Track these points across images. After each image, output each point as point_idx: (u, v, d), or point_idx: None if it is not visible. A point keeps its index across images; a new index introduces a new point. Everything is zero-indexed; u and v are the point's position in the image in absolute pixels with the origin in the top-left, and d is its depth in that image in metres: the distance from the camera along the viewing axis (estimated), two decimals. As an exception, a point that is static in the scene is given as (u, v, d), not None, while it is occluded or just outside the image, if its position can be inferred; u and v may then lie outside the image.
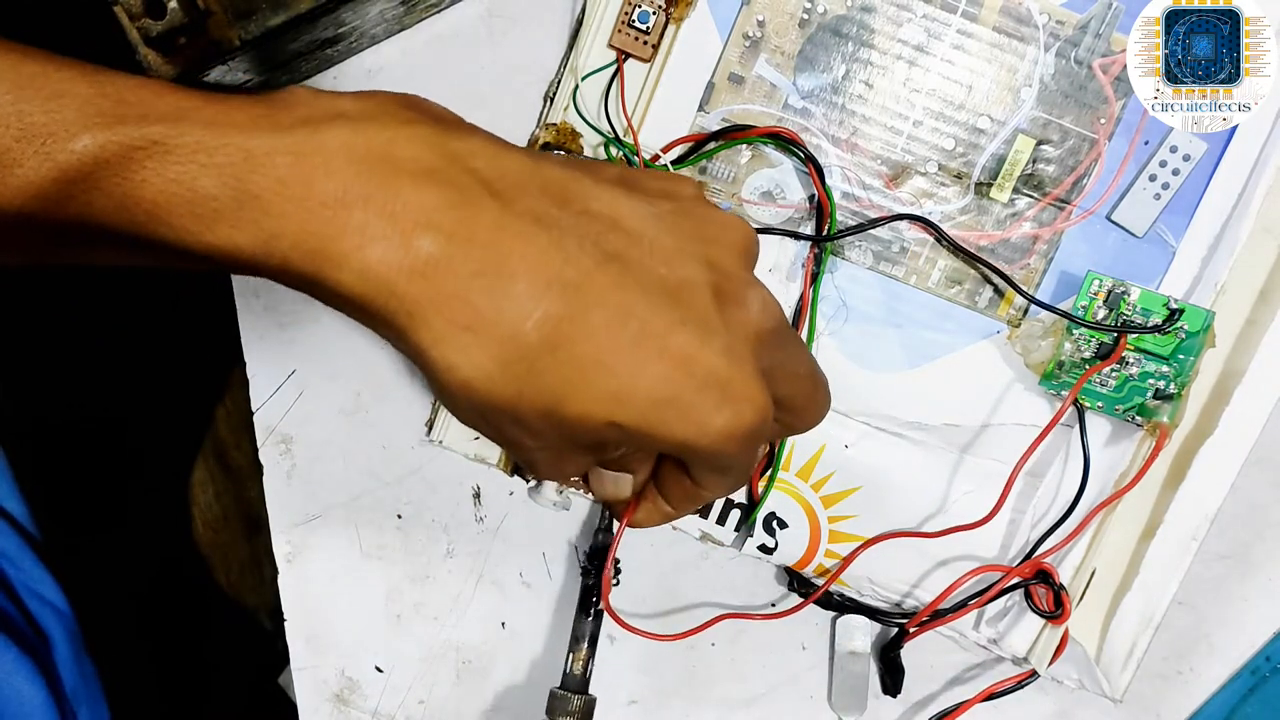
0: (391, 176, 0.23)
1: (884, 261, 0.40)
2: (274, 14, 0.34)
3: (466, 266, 0.23)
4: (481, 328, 0.23)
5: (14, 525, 0.46)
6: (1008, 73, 0.39)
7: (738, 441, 0.25)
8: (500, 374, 0.23)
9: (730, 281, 0.26)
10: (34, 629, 0.44)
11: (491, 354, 0.23)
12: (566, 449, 0.26)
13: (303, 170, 0.23)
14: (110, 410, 0.68)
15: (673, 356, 0.24)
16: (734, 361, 0.25)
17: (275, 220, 0.23)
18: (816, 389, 0.30)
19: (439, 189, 0.23)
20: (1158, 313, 0.37)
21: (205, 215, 0.23)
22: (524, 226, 0.24)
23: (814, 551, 0.41)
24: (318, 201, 0.23)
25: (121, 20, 0.32)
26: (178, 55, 0.34)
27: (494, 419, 0.25)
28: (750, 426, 0.25)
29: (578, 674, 0.40)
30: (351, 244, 0.23)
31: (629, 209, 0.26)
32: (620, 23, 0.39)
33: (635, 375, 0.24)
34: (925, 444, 0.40)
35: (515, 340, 0.23)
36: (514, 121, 0.41)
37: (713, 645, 0.43)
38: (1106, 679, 0.39)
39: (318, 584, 0.43)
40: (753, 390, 0.25)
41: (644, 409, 0.24)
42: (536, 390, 0.23)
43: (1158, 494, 0.39)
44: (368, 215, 0.23)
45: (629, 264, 0.24)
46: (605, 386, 0.24)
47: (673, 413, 0.24)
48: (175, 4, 0.32)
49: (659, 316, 0.24)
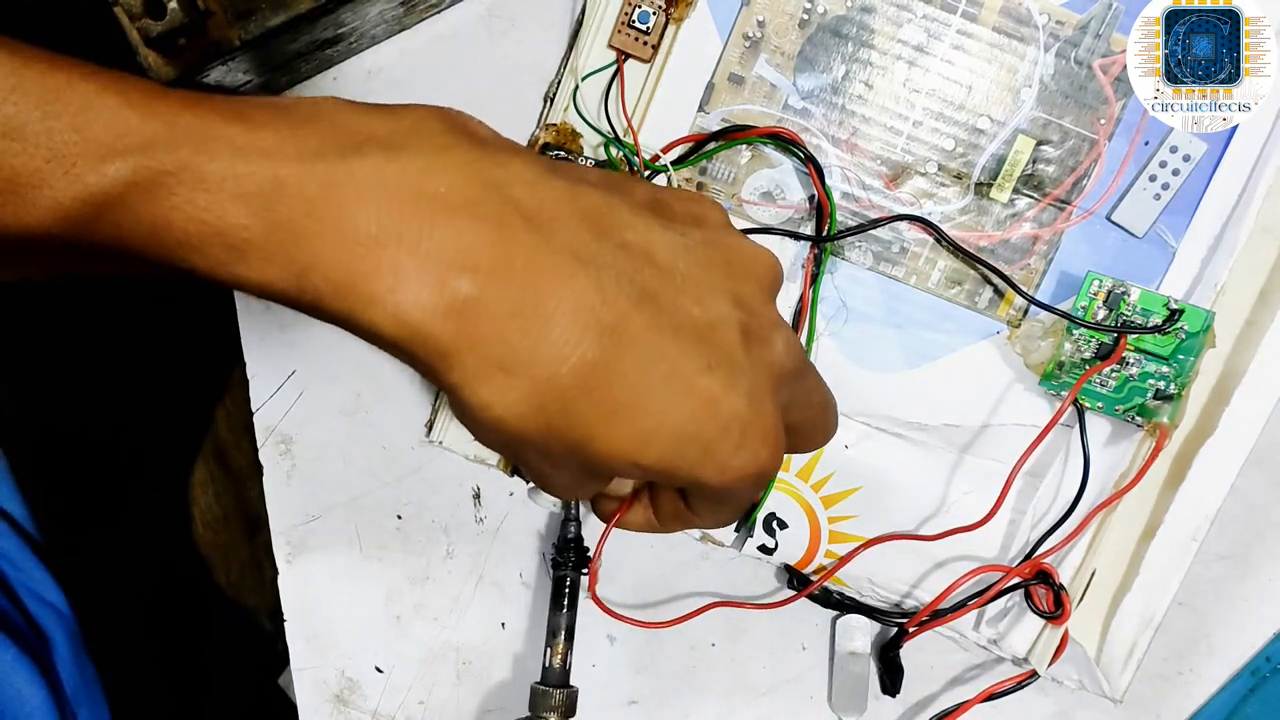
0: (427, 212, 0.22)
1: (884, 262, 0.40)
2: (274, 14, 0.34)
3: (503, 307, 0.22)
4: (517, 369, 0.23)
5: (14, 526, 0.46)
6: (1008, 73, 0.39)
7: (749, 481, 0.26)
8: (532, 413, 0.23)
9: (757, 320, 0.26)
10: (34, 630, 0.44)
11: (525, 394, 0.23)
12: (585, 478, 0.27)
13: (334, 202, 0.22)
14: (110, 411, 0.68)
15: (699, 398, 0.24)
16: (755, 403, 0.25)
17: (306, 254, 0.22)
18: (827, 415, 0.31)
19: (476, 224, 0.23)
20: (1158, 313, 0.37)
21: (236, 245, 0.22)
22: (562, 264, 0.23)
23: (814, 552, 0.41)
24: (349, 236, 0.22)
25: (121, 21, 0.32)
26: (178, 56, 0.34)
27: (519, 449, 0.25)
28: (764, 468, 0.26)
29: (557, 667, 0.40)
30: (385, 284, 0.22)
31: (661, 240, 0.26)
32: (620, 23, 0.39)
33: (662, 416, 0.24)
34: (925, 444, 0.40)
35: (550, 382, 0.23)
36: (514, 122, 0.41)
37: (713, 645, 0.43)
38: (1106, 679, 0.39)
39: (318, 584, 0.43)
40: (771, 432, 0.26)
41: (667, 449, 0.24)
42: (566, 428, 0.24)
43: (1158, 494, 0.39)
44: (401, 253, 0.22)
45: (662, 305, 0.25)
46: (633, 428, 0.24)
47: (693, 452, 0.25)
48: (175, 4, 0.32)
49: (689, 360, 0.24)
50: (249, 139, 0.22)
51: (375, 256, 0.22)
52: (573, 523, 0.41)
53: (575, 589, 0.41)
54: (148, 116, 0.22)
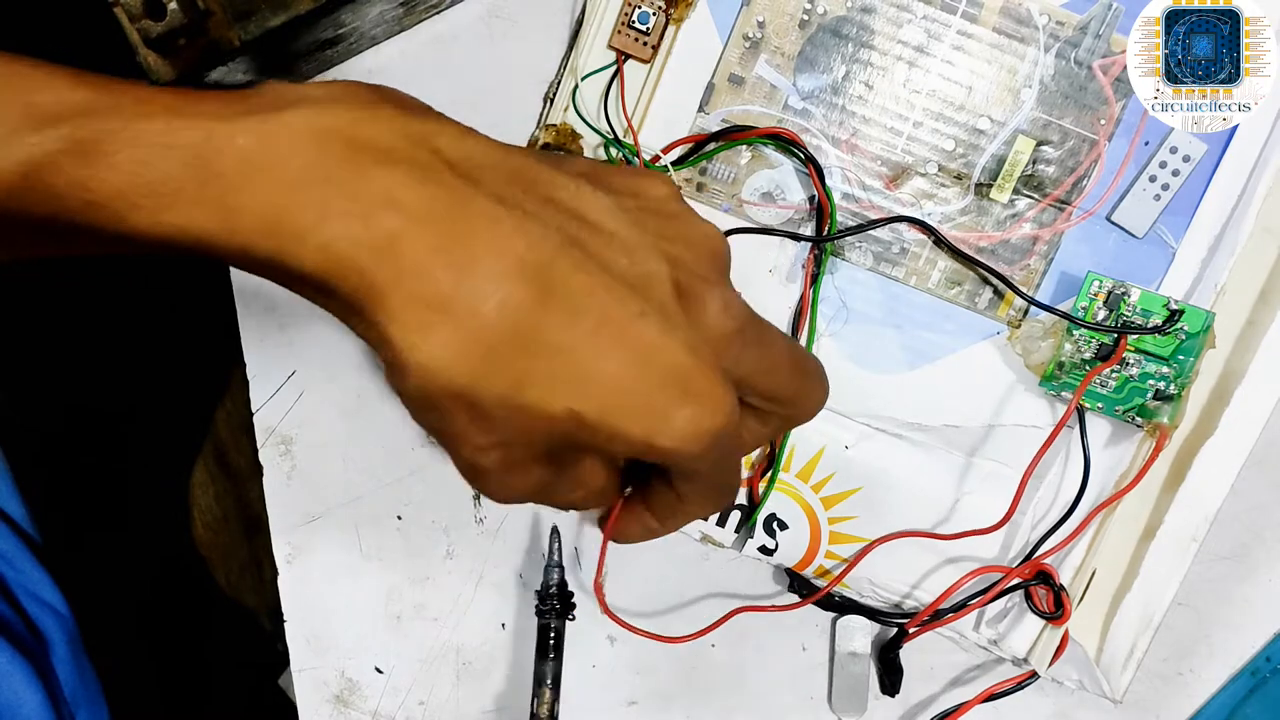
0: (354, 155, 0.23)
1: (884, 262, 0.40)
2: (274, 15, 0.34)
3: (428, 243, 0.23)
4: (442, 305, 0.23)
5: (13, 527, 0.46)
6: (1008, 74, 0.39)
7: (703, 443, 0.24)
8: (459, 356, 0.23)
9: (693, 280, 0.26)
10: (32, 631, 0.44)
11: (451, 334, 0.23)
12: (520, 452, 0.25)
13: (265, 149, 0.23)
14: (110, 411, 0.68)
15: (634, 346, 0.24)
16: (696, 359, 0.24)
17: (236, 196, 0.23)
18: (805, 378, 0.29)
19: (402, 168, 0.23)
20: (1158, 314, 0.37)
21: (167, 195, 0.23)
22: (488, 206, 0.23)
23: (814, 553, 0.41)
24: (279, 179, 0.23)
25: (121, 21, 0.32)
26: (177, 56, 0.34)
27: (447, 408, 0.24)
28: (714, 429, 0.24)
29: (544, 716, 0.39)
30: (311, 220, 0.23)
31: (592, 200, 0.26)
32: (620, 24, 0.39)
33: (594, 363, 0.23)
34: (925, 445, 0.40)
35: (475, 321, 0.23)
36: (514, 122, 0.41)
37: (713, 646, 0.43)
38: (1106, 680, 0.39)
39: (318, 585, 0.43)
40: (715, 389, 0.24)
41: (603, 400, 0.23)
42: (495, 374, 0.23)
43: (1158, 495, 0.39)
44: (329, 192, 0.23)
45: (590, 253, 0.24)
46: (565, 373, 0.23)
47: (632, 406, 0.24)
48: (175, 5, 0.32)
49: (620, 305, 0.24)
50: (186, 105, 0.23)
51: (303, 195, 0.23)
52: (556, 569, 0.40)
53: (560, 636, 0.40)
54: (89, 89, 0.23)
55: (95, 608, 0.49)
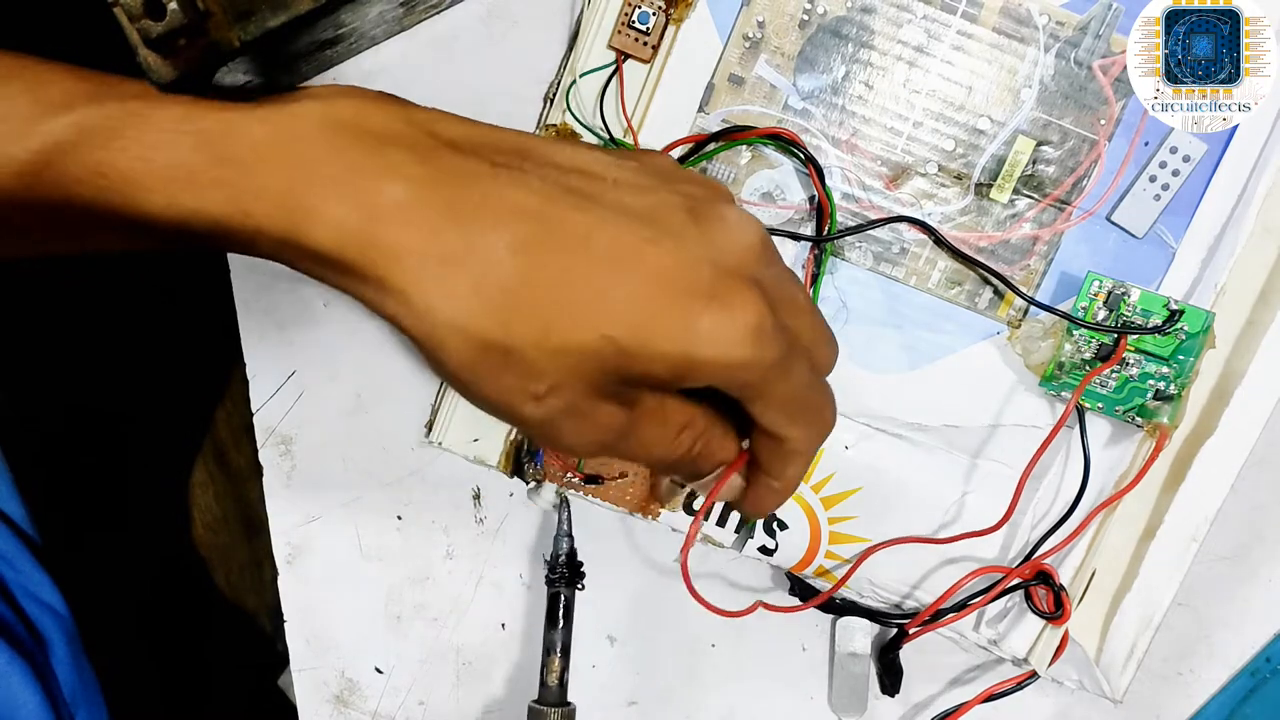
0: (360, 139, 0.24)
1: (884, 262, 0.40)
2: (274, 15, 0.34)
3: (434, 207, 0.24)
4: (454, 260, 0.23)
5: (12, 527, 0.46)
6: (1008, 74, 0.39)
7: (743, 346, 0.24)
8: (481, 307, 0.23)
9: (703, 203, 0.26)
10: (31, 632, 0.44)
11: (469, 287, 0.23)
12: (579, 393, 0.24)
13: (277, 135, 0.24)
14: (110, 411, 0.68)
15: (648, 267, 0.24)
16: (715, 268, 0.24)
17: (250, 179, 0.24)
18: (822, 323, 0.28)
19: (406, 148, 0.25)
20: (1158, 314, 0.37)
21: (180, 178, 0.23)
22: (486, 169, 0.25)
23: (814, 553, 0.41)
24: (292, 162, 0.24)
25: (121, 21, 0.32)
26: (177, 56, 0.33)
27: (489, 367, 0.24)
28: (748, 327, 0.24)
29: (554, 684, 0.39)
30: (323, 197, 0.23)
31: (592, 158, 0.26)
32: (620, 24, 0.39)
33: (614, 289, 0.23)
34: (925, 445, 0.40)
35: (489, 269, 0.23)
36: (514, 122, 0.40)
37: (713, 646, 0.43)
38: (1106, 680, 0.39)
39: (318, 585, 0.43)
40: (740, 291, 0.24)
41: (631, 322, 0.23)
42: (520, 320, 0.23)
43: (1158, 495, 0.39)
44: (338, 172, 0.24)
45: (591, 194, 0.25)
46: (587, 303, 0.23)
47: (660, 323, 0.23)
48: (175, 5, 0.32)
49: (629, 233, 0.24)
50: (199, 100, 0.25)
51: (315, 176, 0.24)
52: (565, 538, 0.41)
53: (570, 605, 0.40)
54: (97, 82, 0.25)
55: (95, 608, 0.49)
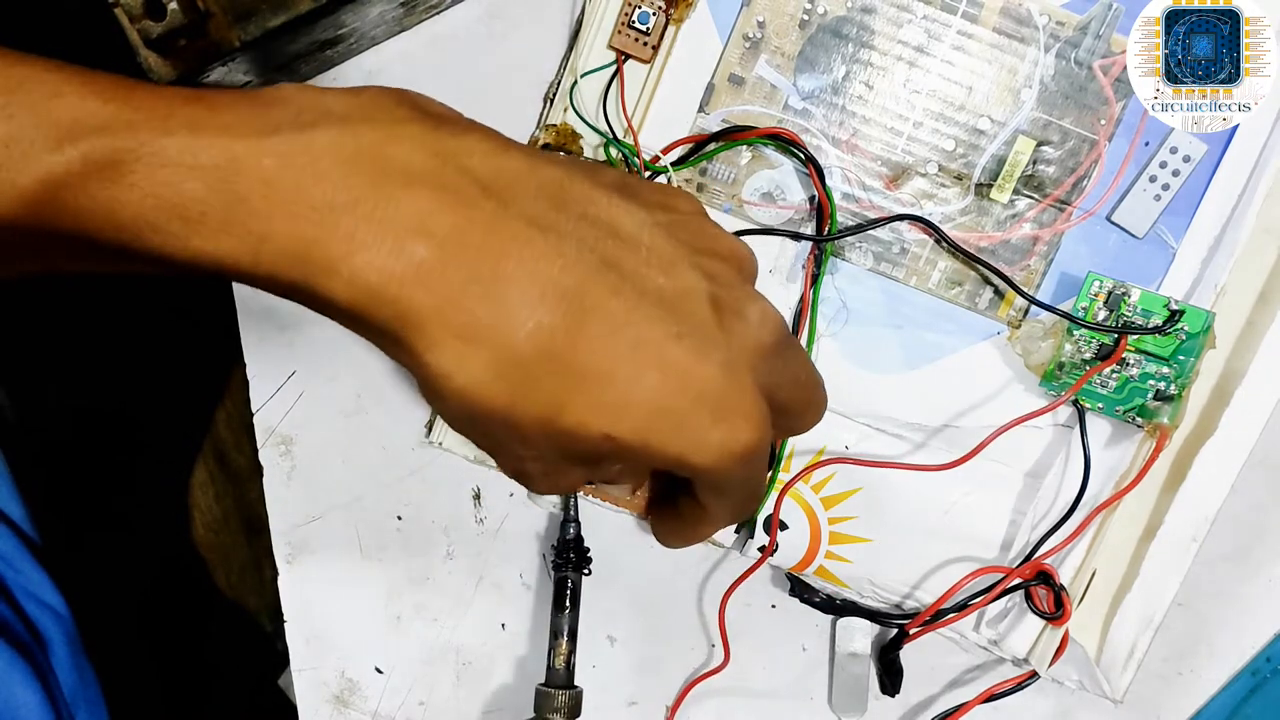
0: (382, 179, 0.23)
1: (884, 262, 0.40)
2: (274, 15, 0.34)
3: (460, 273, 0.22)
4: (476, 336, 0.22)
5: (12, 528, 0.46)
6: (1008, 74, 0.39)
7: (735, 460, 0.24)
8: (495, 382, 0.23)
9: (730, 292, 0.25)
10: (32, 632, 0.44)
11: (486, 362, 0.23)
12: (561, 462, 0.25)
13: (289, 173, 0.22)
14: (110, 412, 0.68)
15: (670, 368, 0.23)
16: (732, 376, 0.24)
17: (263, 223, 0.22)
18: (815, 391, 0.29)
19: (432, 192, 0.23)
20: (1158, 314, 0.37)
21: (192, 219, 0.22)
22: (520, 229, 0.23)
23: (814, 553, 0.41)
24: (305, 205, 0.22)
25: (121, 21, 0.32)
26: (178, 57, 0.34)
27: (488, 427, 0.24)
28: (748, 445, 0.24)
29: (561, 668, 0.40)
30: (340, 251, 0.22)
31: (626, 215, 0.25)
32: (620, 24, 0.39)
33: (631, 386, 0.23)
34: (925, 445, 0.40)
35: (511, 348, 0.23)
36: (514, 123, 0.41)
37: (712, 646, 0.43)
38: (1107, 680, 0.39)
39: (318, 585, 0.43)
40: (750, 406, 0.24)
41: (640, 421, 0.23)
42: (532, 400, 0.23)
43: (1158, 495, 0.39)
44: (357, 220, 0.22)
45: (626, 272, 0.24)
46: (601, 397, 0.23)
47: (669, 426, 0.24)
48: (175, 5, 0.32)
49: (656, 327, 0.24)
50: (208, 118, 0.23)
51: (332, 224, 0.22)
52: (572, 524, 0.41)
53: (577, 590, 0.41)
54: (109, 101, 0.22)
55: (95, 608, 0.49)
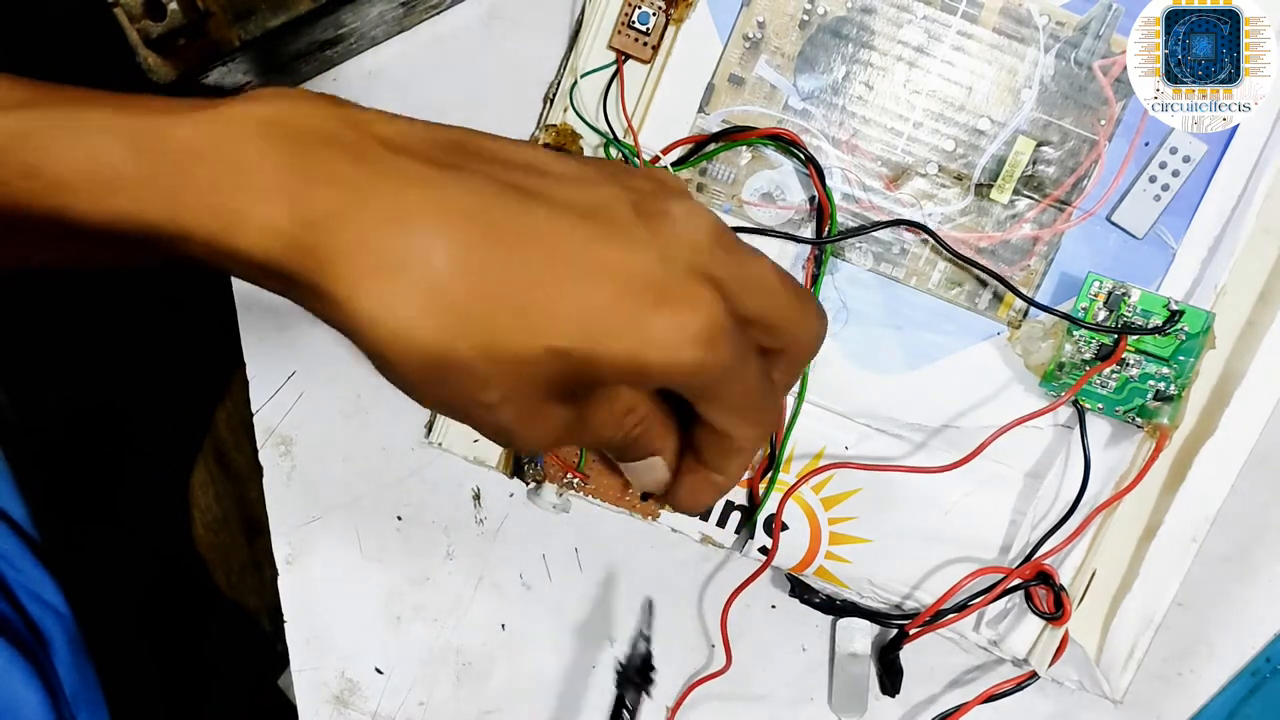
0: (292, 139, 0.24)
1: (884, 263, 0.40)
2: (274, 15, 0.34)
3: (369, 214, 0.23)
4: (391, 270, 0.22)
5: (13, 527, 0.46)
6: (1008, 74, 0.39)
7: (696, 346, 0.23)
8: (423, 318, 0.23)
9: (652, 199, 0.25)
10: (33, 632, 0.44)
11: (409, 298, 0.22)
12: (530, 398, 0.24)
13: (206, 135, 0.23)
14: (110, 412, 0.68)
15: (595, 269, 0.23)
16: (664, 266, 0.23)
17: (179, 179, 0.23)
18: (796, 300, 0.27)
19: (338, 150, 0.24)
20: (1158, 314, 0.37)
21: (107, 179, 0.23)
22: (424, 170, 0.24)
23: (814, 553, 0.41)
24: (220, 164, 0.23)
25: (121, 21, 0.32)
26: (178, 57, 0.34)
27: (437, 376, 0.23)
28: (700, 328, 0.23)
29: None
30: (252, 200, 0.23)
31: (537, 151, 0.26)
32: (620, 24, 0.39)
33: (559, 293, 0.23)
34: (925, 445, 0.40)
35: (429, 277, 0.23)
36: (514, 123, 0.41)
37: (712, 647, 0.43)
38: (1107, 680, 0.39)
39: (318, 586, 0.43)
40: (691, 291, 0.23)
41: (577, 327, 0.23)
42: (468, 330, 0.23)
43: (1158, 495, 0.39)
44: (268, 174, 0.23)
45: (534, 192, 0.24)
46: (532, 312, 0.23)
47: (608, 327, 0.23)
48: (175, 5, 0.32)
49: (575, 234, 0.23)
50: (132, 100, 0.24)
51: (245, 178, 0.23)
52: (643, 640, 0.39)
53: (635, 711, 0.37)
54: (29, 89, 0.24)
55: (95, 608, 0.49)
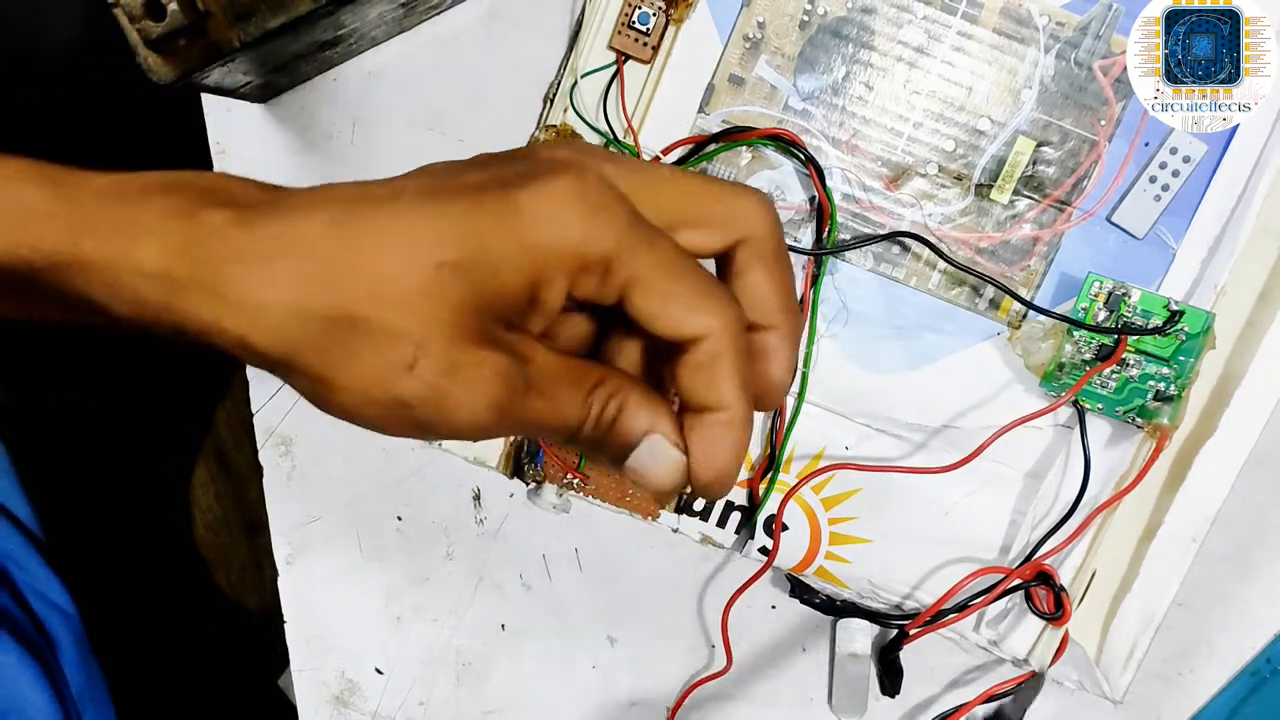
0: (198, 188, 0.23)
1: (884, 263, 0.40)
2: (274, 16, 0.34)
3: (253, 216, 0.22)
4: (273, 252, 0.22)
5: (18, 526, 0.46)
6: (1008, 74, 0.39)
7: (574, 208, 0.22)
8: (309, 283, 0.22)
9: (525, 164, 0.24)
10: (40, 631, 0.44)
11: (293, 268, 0.22)
12: (457, 346, 0.22)
13: (116, 182, 0.23)
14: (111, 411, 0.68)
15: (462, 186, 0.23)
16: (532, 162, 0.23)
17: (83, 214, 0.23)
18: (711, 185, 0.25)
19: (243, 189, 0.23)
20: (1158, 314, 0.37)
21: (16, 217, 0.23)
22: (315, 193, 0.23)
23: (814, 553, 0.41)
24: (125, 199, 0.23)
25: (121, 22, 0.32)
26: (178, 57, 0.34)
27: (344, 350, 0.22)
28: (574, 187, 0.22)
29: None
30: (149, 223, 0.23)
31: None
32: (620, 24, 0.39)
33: (435, 218, 0.22)
34: (926, 446, 0.40)
35: (308, 246, 0.22)
36: (514, 123, 0.41)
37: (712, 647, 0.43)
38: (1107, 680, 0.39)
39: (318, 586, 0.43)
40: (560, 166, 0.23)
41: (459, 238, 0.22)
42: (350, 280, 0.22)
43: (1158, 496, 0.39)
44: (170, 204, 0.23)
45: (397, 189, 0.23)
46: (410, 239, 0.22)
47: (486, 222, 0.22)
48: (175, 6, 0.32)
49: (442, 171, 0.23)
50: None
51: (144, 208, 0.23)
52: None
53: None
54: None
55: (96, 608, 0.49)
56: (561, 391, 0.24)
